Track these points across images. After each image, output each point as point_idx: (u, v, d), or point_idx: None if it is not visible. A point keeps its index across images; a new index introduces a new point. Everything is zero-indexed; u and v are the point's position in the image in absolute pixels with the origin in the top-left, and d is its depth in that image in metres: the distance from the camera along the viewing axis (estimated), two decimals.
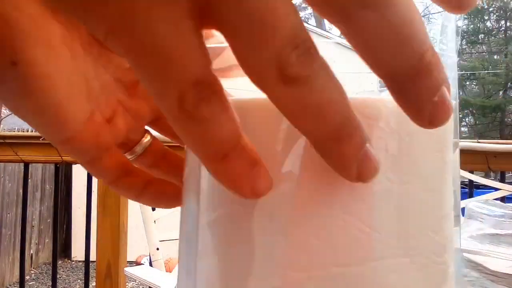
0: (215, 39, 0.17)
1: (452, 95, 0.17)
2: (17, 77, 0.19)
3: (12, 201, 4.98)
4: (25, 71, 0.19)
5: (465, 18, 20.59)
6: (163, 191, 0.25)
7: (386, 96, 0.18)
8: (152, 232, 1.13)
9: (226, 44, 0.15)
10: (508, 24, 19.38)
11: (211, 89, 0.15)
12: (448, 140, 0.21)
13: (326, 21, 0.17)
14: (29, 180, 4.08)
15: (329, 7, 0.15)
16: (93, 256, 1.85)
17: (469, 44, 20.78)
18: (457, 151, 0.23)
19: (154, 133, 0.28)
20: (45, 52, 0.20)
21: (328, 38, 7.40)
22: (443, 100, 0.15)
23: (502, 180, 1.82)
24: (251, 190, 0.16)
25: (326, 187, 0.18)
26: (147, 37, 0.14)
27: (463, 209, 1.18)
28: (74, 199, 6.00)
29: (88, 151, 0.23)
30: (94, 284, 1.99)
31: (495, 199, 1.39)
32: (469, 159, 1.75)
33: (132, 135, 0.26)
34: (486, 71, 18.04)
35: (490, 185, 1.64)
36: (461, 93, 19.92)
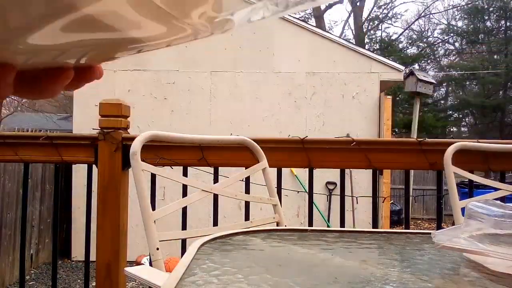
0: None
1: None
2: None
3: (12, 201, 4.98)
4: None
5: (465, 18, 20.59)
6: None
7: None
8: (152, 232, 1.13)
9: None
10: (508, 24, 19.37)
11: None
12: None
13: (326, 22, 0.17)
14: (29, 180, 4.08)
15: None
16: (93, 256, 1.85)
17: (469, 44, 20.78)
18: None
19: None
20: None
21: (328, 39, 7.37)
22: None
23: (502, 180, 1.82)
24: None
25: None
26: None
27: (463, 209, 1.18)
28: (74, 199, 6.00)
29: None
30: (94, 284, 1.99)
31: (495, 199, 1.39)
32: (469, 159, 1.75)
33: None
34: (486, 71, 18.03)
35: (490, 185, 1.64)
36: (461, 93, 19.93)
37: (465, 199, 1.52)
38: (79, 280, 5.22)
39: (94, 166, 1.90)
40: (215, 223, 1.87)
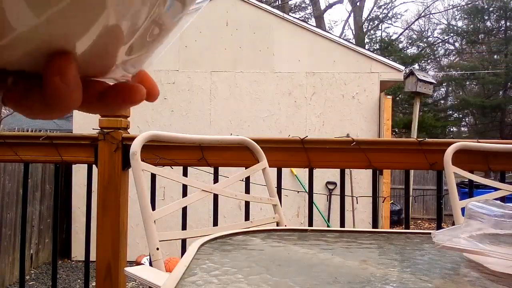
0: None
1: None
2: None
3: (12, 201, 4.98)
4: None
5: (465, 18, 20.58)
6: None
7: None
8: (152, 232, 1.13)
9: None
10: (508, 24, 19.37)
11: None
12: None
13: (326, 22, 0.17)
14: (29, 180, 4.08)
15: None
16: (93, 256, 1.85)
17: (469, 44, 20.77)
18: None
19: None
20: None
21: (328, 39, 7.38)
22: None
23: (502, 180, 1.82)
24: None
25: None
26: None
27: (463, 209, 1.18)
28: (74, 199, 6.00)
29: None
30: (94, 284, 1.99)
31: (495, 199, 1.39)
32: (469, 159, 1.75)
33: None
34: (486, 71, 18.03)
35: (490, 185, 1.64)
36: (461, 93, 19.92)
37: (465, 199, 1.52)
38: (79, 280, 5.22)
39: (94, 166, 1.90)
40: (215, 223, 1.87)
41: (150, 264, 1.15)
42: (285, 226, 1.45)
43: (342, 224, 2.01)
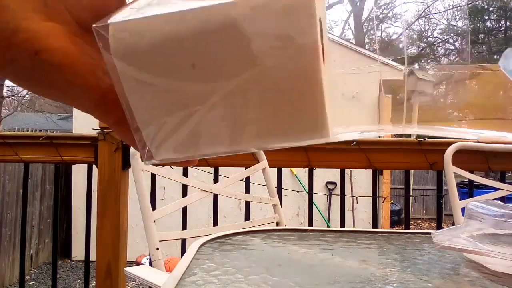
0: None
1: None
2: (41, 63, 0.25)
3: (12, 201, 4.98)
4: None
5: (465, 18, 20.58)
6: None
7: None
8: (152, 232, 1.13)
9: None
10: (508, 24, 19.37)
11: None
12: None
13: (326, 21, 0.18)
14: (29, 180, 4.08)
15: None
16: (93, 256, 1.85)
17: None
18: None
19: None
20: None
21: (328, 39, 7.39)
22: None
23: (502, 180, 1.82)
24: None
25: None
26: None
27: (463, 209, 1.18)
28: (74, 199, 6.00)
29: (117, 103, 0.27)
30: (94, 284, 1.99)
31: (495, 199, 1.39)
32: (469, 159, 1.75)
33: None
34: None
35: (490, 185, 1.63)
36: None
37: (465, 199, 1.52)
38: (79, 280, 5.22)
39: (94, 166, 1.90)
40: (215, 223, 1.87)
41: (150, 264, 1.15)
42: (285, 226, 1.45)
43: (342, 224, 2.01)
